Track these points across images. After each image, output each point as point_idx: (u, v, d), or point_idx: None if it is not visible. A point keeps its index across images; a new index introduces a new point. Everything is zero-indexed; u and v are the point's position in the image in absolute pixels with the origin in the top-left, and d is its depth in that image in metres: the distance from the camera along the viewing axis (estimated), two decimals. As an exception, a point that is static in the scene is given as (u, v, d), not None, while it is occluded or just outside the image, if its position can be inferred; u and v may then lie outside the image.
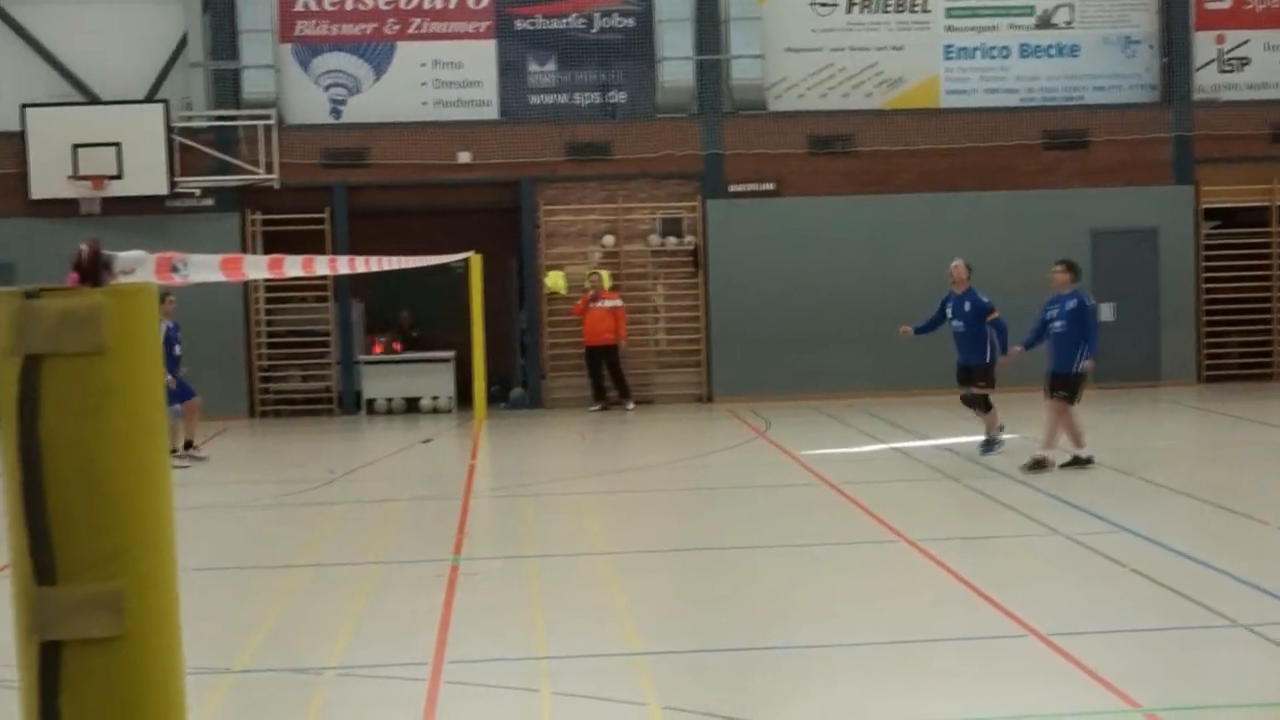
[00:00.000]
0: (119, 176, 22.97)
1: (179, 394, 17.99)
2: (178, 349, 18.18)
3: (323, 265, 10.76)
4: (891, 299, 23.72)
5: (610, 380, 24.12)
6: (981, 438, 17.43)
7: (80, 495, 1.94)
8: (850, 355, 24.19)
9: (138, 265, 2.22)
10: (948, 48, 25.03)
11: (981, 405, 17.24)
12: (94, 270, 2.02)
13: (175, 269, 2.95)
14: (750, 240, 24.34)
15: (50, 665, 1.93)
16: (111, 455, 1.97)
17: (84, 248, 2.04)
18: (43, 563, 1.93)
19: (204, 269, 3.56)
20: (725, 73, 24.65)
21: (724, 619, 10.29)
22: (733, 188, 24.53)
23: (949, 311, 17.48)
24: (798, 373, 24.09)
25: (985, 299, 17.25)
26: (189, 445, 18.71)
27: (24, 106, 23.11)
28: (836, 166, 24.62)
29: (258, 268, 7.13)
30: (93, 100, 23.76)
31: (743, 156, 24.45)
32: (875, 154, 24.62)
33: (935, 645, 9.38)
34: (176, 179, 23.37)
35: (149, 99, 23.64)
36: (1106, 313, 24.78)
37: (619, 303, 23.93)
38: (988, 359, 17.14)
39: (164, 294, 17.72)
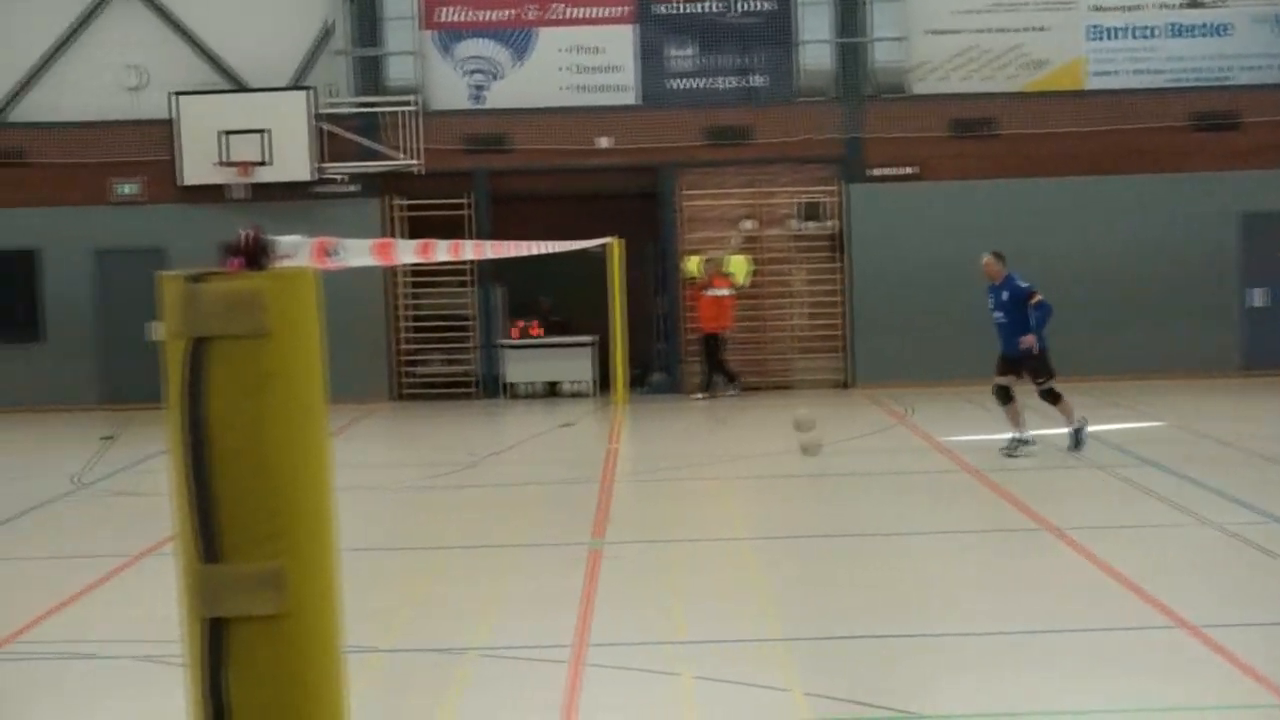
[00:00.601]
0: (266, 163, 23.38)
1: None
2: None
3: (469, 250, 10.87)
4: (1035, 283, 23.40)
5: (705, 365, 24.12)
6: (1017, 436, 16.71)
7: (244, 475, 1.97)
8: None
9: (296, 250, 2.25)
10: (1092, 28, 24.58)
11: (1048, 399, 16.65)
12: (256, 255, 2.05)
13: (331, 253, 3.00)
14: (891, 224, 24.14)
15: (216, 641, 1.97)
16: (274, 436, 2.00)
17: (246, 233, 2.07)
18: (208, 541, 1.96)
19: (358, 253, 3.61)
20: (866, 55, 24.46)
21: (865, 605, 10.22)
22: (873, 172, 24.34)
23: (990, 304, 16.99)
24: (940, 358, 23.84)
25: (1024, 284, 16.67)
26: None
27: (175, 94, 23.59)
28: (979, 150, 24.31)
29: (408, 252, 7.21)
30: (241, 88, 24.20)
31: (884, 140, 24.24)
32: (1018, 137, 24.27)
33: (1079, 635, 9.24)
34: (321, 165, 23.71)
35: (295, 86, 24.02)
36: (1258, 298, 24.25)
37: (728, 291, 23.85)
38: (1034, 349, 16.57)
39: None
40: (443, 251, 8.45)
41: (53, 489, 16.13)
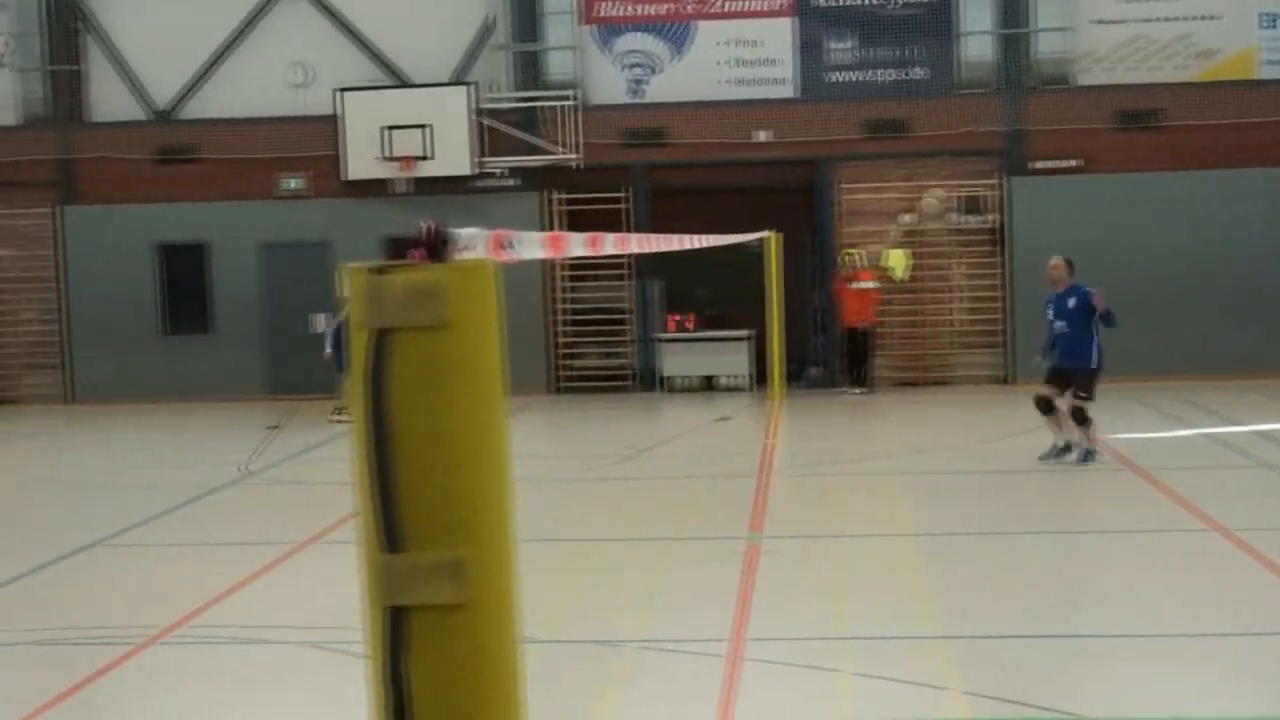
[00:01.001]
0: (427, 157, 23.68)
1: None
2: None
3: (634, 243, 10.91)
4: (1206, 279, 22.94)
5: (849, 361, 23.91)
6: (1057, 444, 16.17)
7: (426, 465, 1.99)
8: (1159, 337, 23.36)
9: (475, 242, 2.27)
10: (1265, 16, 23.93)
11: (1077, 417, 15.96)
12: (437, 247, 2.07)
13: (508, 246, 3.02)
14: (1054, 218, 23.71)
15: (397, 630, 1.99)
16: (455, 427, 2.01)
17: (427, 225, 2.09)
18: (391, 530, 1.98)
19: (531, 246, 3.63)
20: (1029, 46, 24.09)
21: (1026, 604, 10.08)
22: (1036, 164, 23.96)
23: (1050, 313, 16.36)
24: (1104, 354, 23.33)
25: (1091, 290, 16.03)
26: None
27: (339, 91, 24.00)
28: (1146, 141, 23.81)
29: (578, 245, 7.24)
30: (403, 84, 24.54)
31: (1047, 133, 23.85)
32: (1187, 128, 23.72)
33: (1247, 639, 9.02)
34: (481, 159, 23.95)
35: (456, 82, 24.30)
36: None
37: (873, 284, 23.62)
38: (1092, 364, 15.84)
39: None
40: (610, 245, 8.48)
41: (221, 477, 16.51)
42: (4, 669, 9.16)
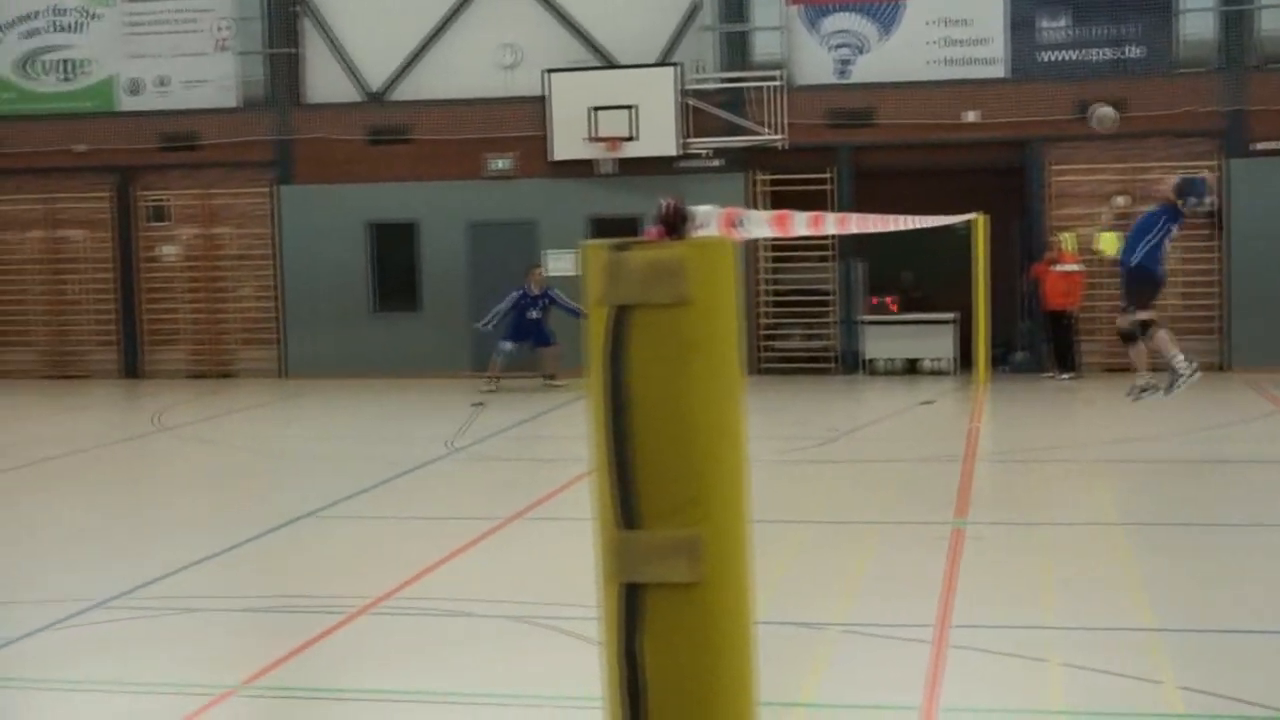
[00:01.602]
0: (633, 138, 23.79)
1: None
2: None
3: (853, 224, 10.83)
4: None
5: (1054, 346, 23.38)
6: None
7: (664, 443, 1.99)
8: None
9: (708, 220, 2.26)
10: None
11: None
12: (676, 224, 2.07)
13: (738, 224, 3.01)
14: (1276, 202, 22.95)
15: (632, 608, 2.00)
16: (693, 405, 2.01)
17: (667, 202, 2.09)
18: (628, 507, 1.99)
19: (759, 225, 3.62)
20: (1253, 23, 23.31)
21: (1243, 598, 9.78)
22: (1257, 146, 23.19)
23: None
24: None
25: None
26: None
27: (547, 72, 24.24)
28: (1376, 122, 22.90)
29: (801, 224, 7.22)
30: (610, 65, 24.68)
31: (1270, 113, 23.07)
32: None
33: None
34: (686, 140, 23.98)
35: (662, 63, 24.36)
36: None
37: (1077, 267, 23.06)
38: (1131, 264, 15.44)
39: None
40: (832, 224, 8.45)
41: (428, 452, 16.81)
42: (224, 633, 9.46)
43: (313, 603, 9.91)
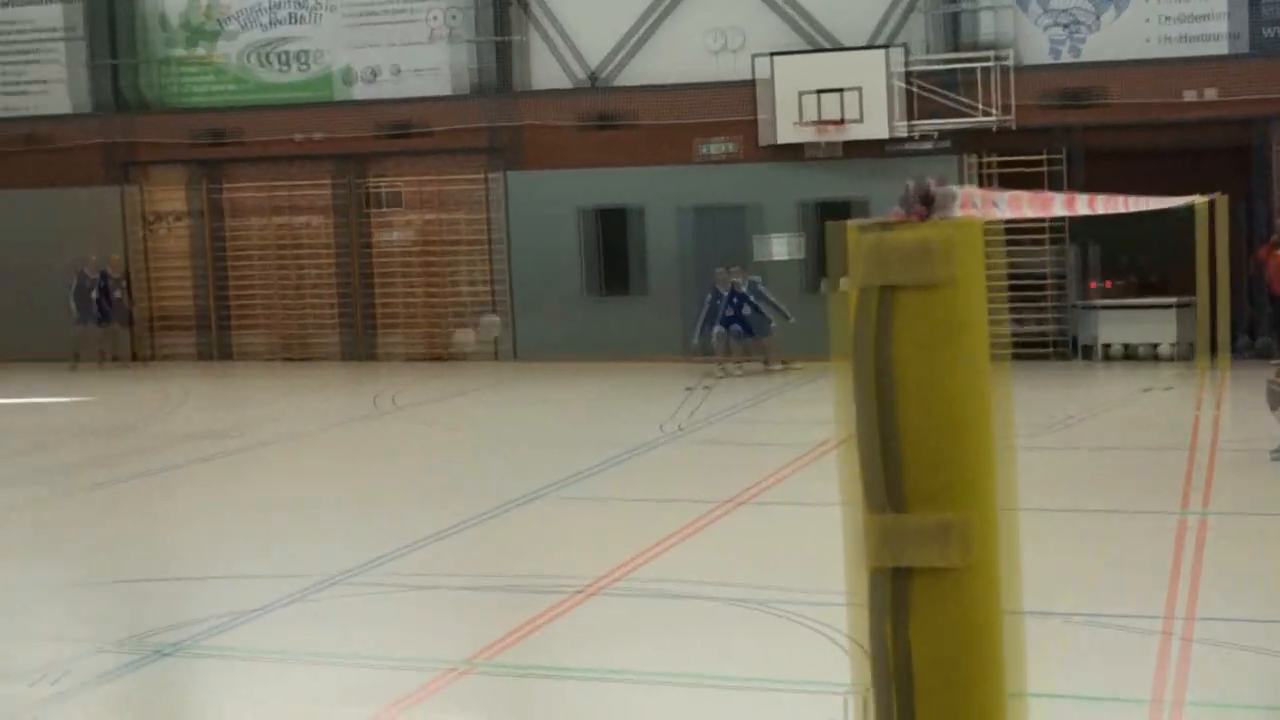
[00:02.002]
0: (850, 121, 23.59)
1: None
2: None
3: (1100, 205, 10.59)
4: None
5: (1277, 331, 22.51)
6: None
7: (928, 424, 1.98)
8: None
9: (955, 201, 2.23)
10: None
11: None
12: (934, 205, 2.05)
13: (988, 205, 2.97)
14: None
15: (900, 592, 1.99)
16: (956, 387, 1.99)
17: (928, 182, 2.07)
18: (894, 490, 1.98)
19: (1007, 205, 3.58)
20: None
21: None
22: None
23: None
24: None
25: None
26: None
27: (762, 56, 24.16)
28: None
29: (1058, 206, 7.10)
30: (826, 48, 24.50)
31: None
32: None
33: None
34: (906, 122, 23.70)
35: (878, 45, 24.10)
36: None
37: None
38: None
39: None
40: (1082, 205, 8.28)
41: (650, 434, 16.93)
42: (454, 610, 9.66)
43: (540, 582, 10.06)
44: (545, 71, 26.02)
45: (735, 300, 22.98)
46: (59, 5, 27.92)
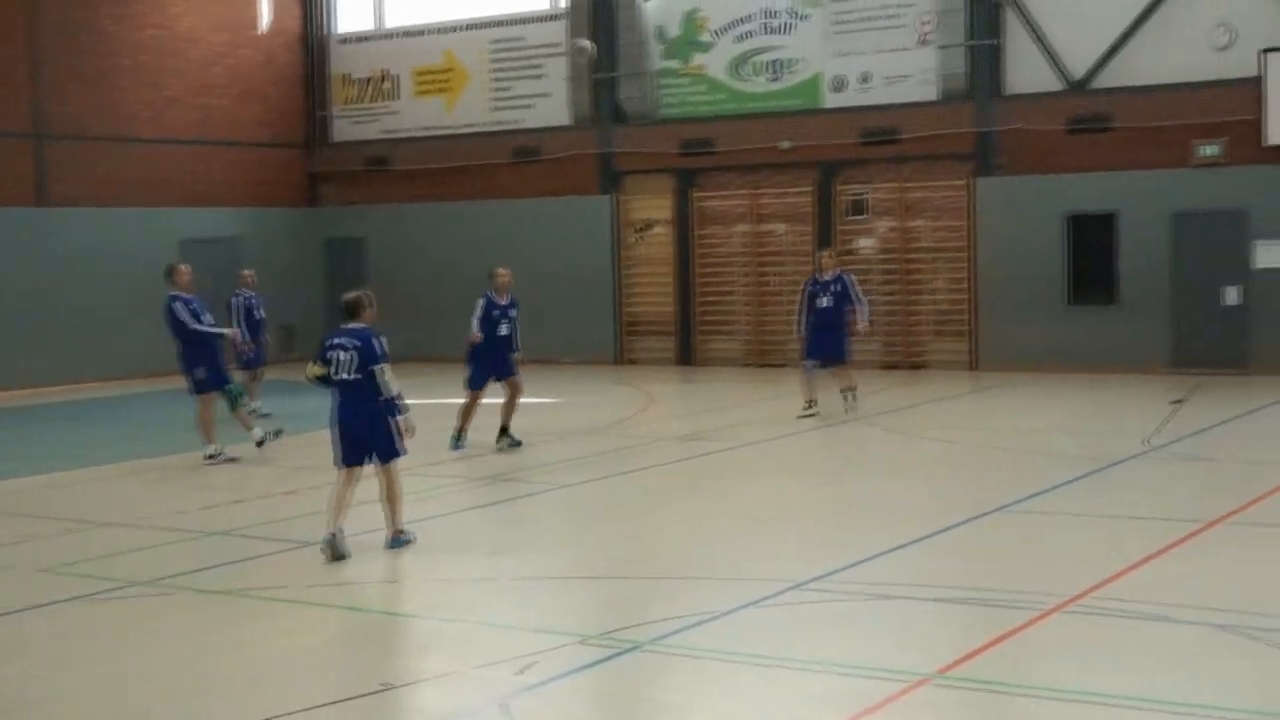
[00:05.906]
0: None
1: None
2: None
3: None
4: None
5: None
6: None
7: None
8: None
9: None
10: None
11: None
12: None
13: None
14: None
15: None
16: None
17: None
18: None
19: None
20: None
21: None
22: None
23: None
24: None
25: None
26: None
27: (1264, 52, 22.88)
28: None
29: None
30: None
31: None
32: None
33: None
34: None
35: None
36: None
37: None
38: None
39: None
40: None
41: (1124, 449, 16.27)
42: (917, 621, 9.52)
43: (1007, 596, 9.80)
44: (1029, 75, 25.46)
45: None
46: (563, 21, 29.13)
